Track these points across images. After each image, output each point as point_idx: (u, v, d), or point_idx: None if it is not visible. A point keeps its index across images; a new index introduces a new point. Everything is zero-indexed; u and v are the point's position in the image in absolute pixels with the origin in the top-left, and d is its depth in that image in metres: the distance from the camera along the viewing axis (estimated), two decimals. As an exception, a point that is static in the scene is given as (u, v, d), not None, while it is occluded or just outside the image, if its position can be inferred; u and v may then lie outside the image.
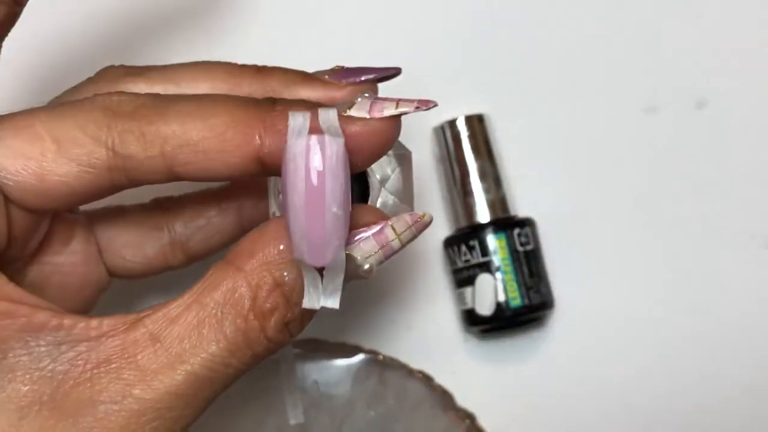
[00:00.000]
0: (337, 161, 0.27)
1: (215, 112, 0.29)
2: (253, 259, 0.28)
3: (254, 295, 0.28)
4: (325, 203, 0.27)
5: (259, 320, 0.28)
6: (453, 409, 0.42)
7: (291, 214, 0.27)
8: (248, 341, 0.28)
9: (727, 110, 0.45)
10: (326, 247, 0.27)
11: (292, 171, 0.27)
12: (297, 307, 0.29)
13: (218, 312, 0.28)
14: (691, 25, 0.46)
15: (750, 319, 0.45)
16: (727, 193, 0.45)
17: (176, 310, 0.28)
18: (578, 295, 0.44)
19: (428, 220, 0.30)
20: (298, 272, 0.28)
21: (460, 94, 0.45)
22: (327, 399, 0.42)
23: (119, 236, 0.36)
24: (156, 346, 0.28)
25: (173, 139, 0.28)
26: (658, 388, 0.44)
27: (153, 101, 0.29)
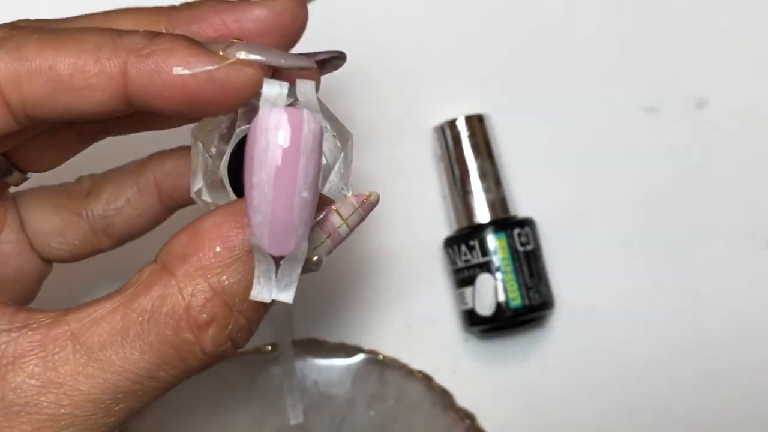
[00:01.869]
0: (314, 140, 0.24)
1: (77, 45, 0.26)
2: (187, 263, 0.26)
3: (188, 304, 0.25)
4: (297, 186, 0.24)
5: (194, 333, 0.26)
6: (453, 409, 0.42)
7: (255, 194, 0.24)
8: (180, 355, 0.26)
9: (727, 110, 0.45)
10: (291, 235, 0.24)
11: (262, 147, 0.24)
12: (242, 315, 0.26)
13: (144, 321, 0.25)
14: (691, 25, 0.46)
15: (750, 319, 0.45)
16: (727, 193, 0.45)
17: (101, 311, 0.26)
18: (578, 295, 0.44)
19: (375, 200, 0.28)
20: (241, 275, 0.26)
21: (460, 94, 0.45)
22: (327, 399, 0.42)
23: (41, 224, 0.33)
24: (76, 348, 0.25)
25: (29, 75, 0.26)
26: (657, 388, 0.44)
27: (12, 32, 0.27)
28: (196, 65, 0.26)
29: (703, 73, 0.45)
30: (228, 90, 0.26)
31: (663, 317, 0.44)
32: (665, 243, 0.45)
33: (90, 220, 0.33)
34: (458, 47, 0.45)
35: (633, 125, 0.45)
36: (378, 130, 0.45)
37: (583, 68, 0.45)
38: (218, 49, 0.26)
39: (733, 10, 0.46)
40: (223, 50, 0.26)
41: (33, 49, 0.26)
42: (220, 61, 0.26)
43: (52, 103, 0.27)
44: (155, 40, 0.26)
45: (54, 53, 0.26)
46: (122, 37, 0.27)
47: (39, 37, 0.27)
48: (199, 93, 0.26)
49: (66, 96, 0.26)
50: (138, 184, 0.34)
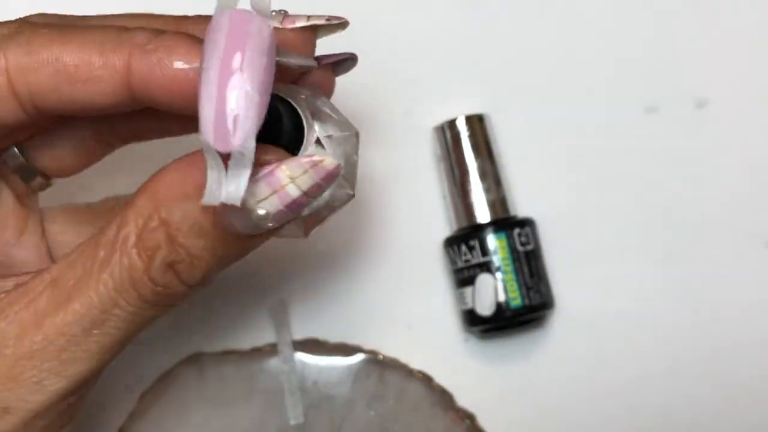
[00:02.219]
0: (262, 40, 0.25)
1: (84, 39, 0.28)
2: (144, 195, 0.27)
3: (140, 233, 0.27)
4: (240, 78, 0.25)
5: (142, 259, 0.27)
6: (453, 409, 0.42)
7: (202, 92, 0.25)
8: (132, 280, 0.27)
9: (728, 110, 0.45)
10: (234, 128, 0.24)
11: (212, 39, 0.25)
12: (183, 249, 0.27)
13: (108, 249, 0.27)
14: (691, 25, 0.46)
15: (750, 319, 0.45)
16: (727, 193, 0.45)
17: (76, 254, 0.28)
18: (578, 295, 0.44)
19: (330, 166, 0.27)
20: (187, 212, 0.27)
21: (460, 94, 0.45)
22: (327, 399, 0.42)
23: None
24: (54, 290, 0.28)
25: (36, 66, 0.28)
26: (658, 388, 0.44)
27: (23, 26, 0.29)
28: (195, 60, 0.27)
29: (703, 73, 0.45)
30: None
31: (663, 317, 0.44)
32: (665, 243, 0.45)
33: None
34: (458, 47, 0.45)
35: (633, 125, 0.45)
36: (378, 130, 0.45)
37: (583, 68, 0.45)
38: None
39: (733, 10, 0.46)
40: None
41: (42, 42, 0.28)
42: None
43: (58, 94, 0.28)
44: (159, 36, 0.28)
45: (61, 46, 0.28)
46: (128, 33, 0.28)
47: (48, 31, 0.28)
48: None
49: (71, 87, 0.28)
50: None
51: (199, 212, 0.27)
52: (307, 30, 0.30)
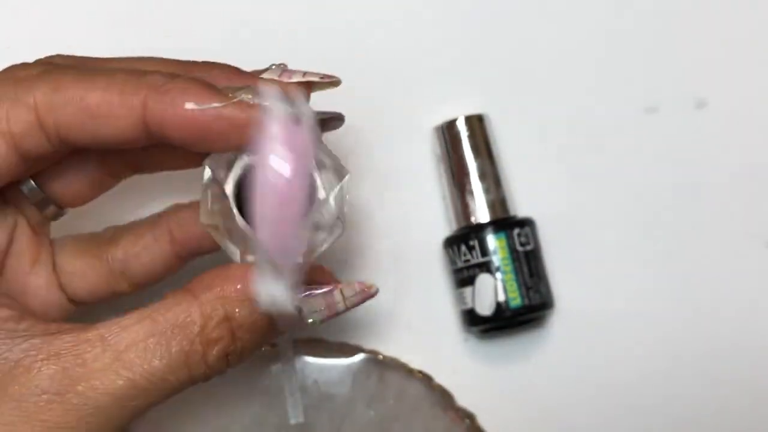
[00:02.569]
0: (311, 145, 0.29)
1: (106, 81, 0.31)
2: (210, 291, 0.31)
3: (204, 323, 0.30)
4: (297, 215, 0.28)
5: (203, 347, 0.30)
6: (453, 409, 0.42)
7: (257, 200, 0.28)
8: (189, 363, 0.30)
9: (727, 110, 0.45)
10: (292, 252, 0.29)
11: (264, 155, 0.28)
12: (240, 342, 0.31)
13: (168, 330, 0.30)
14: (691, 25, 0.46)
15: (750, 319, 0.45)
16: (727, 193, 0.45)
17: (129, 320, 0.30)
18: (578, 295, 0.44)
19: (374, 292, 0.33)
20: (250, 312, 0.31)
21: (460, 94, 0.45)
22: (327, 399, 0.42)
23: (68, 265, 0.37)
24: (105, 347, 0.29)
25: (63, 104, 0.31)
26: (657, 388, 0.44)
27: (53, 67, 0.32)
28: (205, 102, 0.30)
29: (702, 73, 0.45)
30: (233, 126, 0.30)
31: (663, 317, 0.44)
32: (665, 243, 0.45)
33: (110, 263, 0.37)
34: (458, 47, 0.45)
35: (633, 125, 0.45)
36: (378, 130, 0.45)
37: (583, 68, 0.45)
38: (229, 91, 0.31)
39: (733, 9, 0.46)
40: (233, 92, 0.31)
41: (69, 82, 0.31)
42: (226, 100, 0.30)
43: (81, 128, 0.31)
44: (174, 79, 0.31)
45: (86, 86, 0.31)
46: (145, 76, 0.31)
47: (75, 72, 0.31)
48: (208, 126, 0.30)
49: (93, 122, 0.31)
50: (154, 233, 0.37)
51: (261, 315, 0.31)
52: (302, 84, 0.33)
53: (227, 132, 0.31)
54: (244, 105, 0.30)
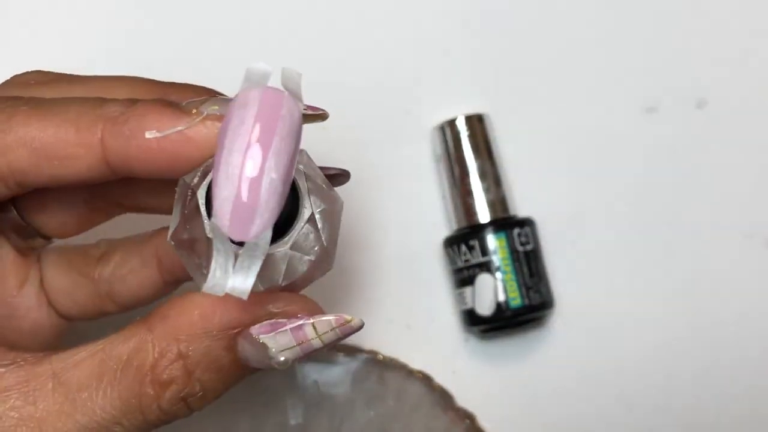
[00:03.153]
0: (292, 124, 0.24)
1: (61, 117, 0.28)
2: (165, 323, 0.27)
3: (155, 362, 0.27)
4: (266, 166, 0.24)
5: (155, 388, 0.27)
6: (453, 409, 0.42)
7: (221, 171, 0.24)
8: (141, 406, 0.27)
9: (727, 110, 0.45)
10: (253, 217, 0.24)
11: (235, 123, 0.24)
12: (199, 384, 0.27)
13: (118, 368, 0.27)
14: (691, 25, 0.46)
15: (750, 319, 0.45)
16: (727, 193, 0.45)
17: (83, 354, 0.27)
18: (578, 295, 0.44)
19: (356, 326, 0.28)
20: (208, 349, 0.27)
21: (460, 94, 0.45)
22: (327, 399, 0.42)
23: (56, 282, 0.34)
24: (55, 386, 0.27)
25: (15, 146, 0.27)
26: (657, 388, 0.44)
27: (5, 104, 0.28)
28: (167, 127, 0.27)
29: (703, 73, 0.45)
30: (201, 146, 0.27)
31: (663, 317, 0.44)
32: (665, 243, 0.45)
33: (97, 284, 0.34)
34: (458, 47, 0.45)
35: (633, 125, 0.45)
36: (378, 130, 0.45)
37: (583, 68, 0.45)
38: (193, 107, 0.27)
39: (733, 9, 0.46)
40: (197, 107, 0.27)
41: (20, 121, 0.28)
42: (190, 119, 0.27)
43: (37, 171, 0.28)
44: (131, 107, 0.27)
45: (38, 124, 0.27)
46: (102, 107, 0.28)
47: (27, 109, 0.28)
48: (174, 152, 0.27)
49: (49, 164, 0.28)
50: (141, 256, 0.35)
51: (222, 350, 0.27)
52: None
53: (197, 154, 0.27)
54: (212, 119, 0.27)
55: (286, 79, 0.25)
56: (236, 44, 0.45)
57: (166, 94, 0.29)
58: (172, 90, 0.30)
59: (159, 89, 0.30)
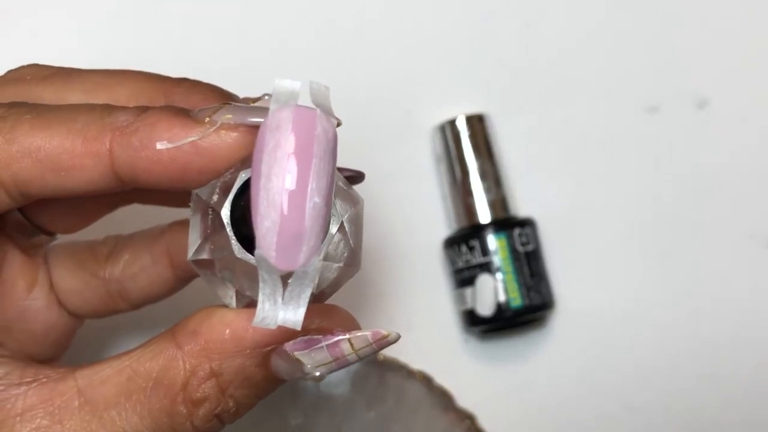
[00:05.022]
0: (327, 141, 0.23)
1: (68, 125, 0.26)
2: (195, 341, 0.26)
3: (186, 380, 0.26)
4: (308, 190, 0.23)
5: (187, 407, 0.26)
6: (453, 409, 0.42)
7: (262, 199, 0.23)
8: (173, 424, 0.26)
9: (728, 110, 0.45)
10: (300, 245, 0.23)
11: (270, 147, 0.23)
12: (232, 400, 0.27)
13: (148, 386, 0.26)
14: (692, 25, 0.46)
15: (750, 319, 0.45)
16: (727, 193, 0.45)
17: (109, 371, 0.27)
18: (578, 295, 0.44)
19: (392, 340, 0.27)
20: (240, 367, 0.26)
21: (460, 93, 0.45)
22: (327, 399, 0.42)
23: (64, 282, 0.34)
24: (81, 404, 0.26)
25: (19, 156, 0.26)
26: (658, 389, 0.44)
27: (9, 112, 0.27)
28: (178, 137, 0.26)
29: (704, 72, 0.45)
30: (215, 157, 0.26)
31: (663, 317, 0.44)
32: (665, 243, 0.45)
33: (107, 283, 0.34)
34: (458, 47, 0.45)
35: (633, 125, 0.45)
36: (378, 130, 0.44)
37: (583, 68, 0.45)
38: (205, 115, 0.26)
39: (734, 9, 0.46)
40: (210, 115, 0.26)
41: (25, 130, 0.26)
42: (203, 129, 0.26)
43: (43, 182, 0.27)
44: (141, 116, 0.26)
45: (43, 134, 0.26)
46: (110, 115, 0.27)
47: (31, 117, 0.27)
48: (187, 164, 0.26)
49: (55, 175, 0.27)
50: (152, 253, 0.34)
51: (255, 367, 0.26)
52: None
53: (211, 165, 0.26)
54: (226, 128, 0.26)
55: (315, 95, 0.24)
56: (236, 44, 0.45)
57: (170, 94, 0.29)
58: (178, 89, 0.29)
59: (162, 86, 0.29)
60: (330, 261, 0.26)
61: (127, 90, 0.29)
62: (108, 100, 0.28)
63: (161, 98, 0.29)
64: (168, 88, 0.29)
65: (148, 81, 0.30)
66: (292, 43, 0.45)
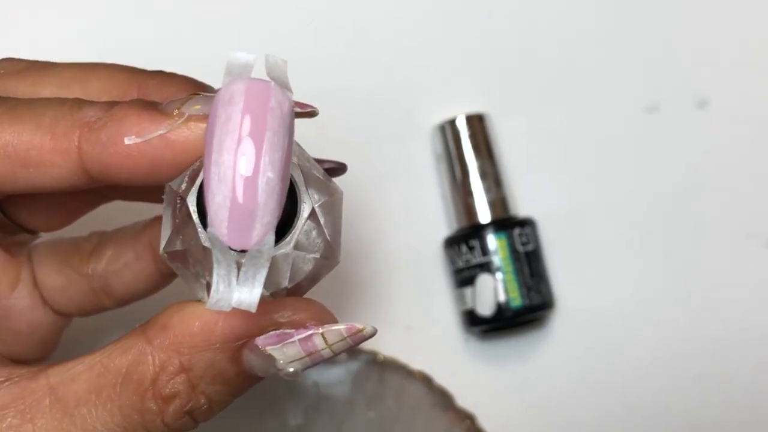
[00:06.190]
0: (282, 116, 0.23)
1: (36, 121, 0.26)
2: (164, 335, 0.26)
3: (156, 375, 0.26)
4: (261, 164, 0.22)
5: (158, 403, 0.26)
6: (453, 409, 0.42)
7: (214, 173, 0.22)
8: (144, 421, 0.26)
9: (728, 110, 0.45)
10: (253, 221, 0.22)
11: (222, 121, 0.22)
12: (204, 396, 0.26)
13: (118, 381, 0.26)
14: (692, 25, 0.46)
15: (750, 319, 0.45)
16: (727, 193, 0.45)
17: (80, 368, 0.26)
18: (578, 295, 0.44)
19: (368, 334, 0.26)
20: (211, 362, 0.25)
21: (460, 93, 0.45)
22: (327, 399, 0.42)
23: (48, 280, 0.33)
24: (52, 402, 0.26)
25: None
26: (658, 389, 0.44)
27: None
28: (147, 131, 0.25)
29: (704, 72, 0.45)
30: (185, 149, 0.25)
31: (663, 317, 0.44)
32: (666, 243, 0.45)
33: (91, 279, 0.33)
34: (458, 47, 0.45)
35: (633, 125, 0.45)
36: (378, 130, 0.44)
37: (583, 68, 0.45)
38: (174, 107, 0.26)
39: (733, 9, 0.46)
40: (178, 107, 0.25)
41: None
42: (171, 122, 0.25)
43: (12, 178, 0.26)
44: (109, 111, 0.26)
45: (12, 129, 0.26)
46: (79, 111, 0.26)
47: (1, 112, 0.26)
48: (157, 158, 0.25)
49: (24, 171, 0.26)
50: (135, 249, 0.33)
51: (226, 362, 0.26)
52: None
53: (181, 158, 0.25)
54: (195, 119, 0.25)
55: (270, 68, 0.23)
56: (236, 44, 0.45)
57: (144, 86, 0.28)
58: (151, 82, 0.28)
59: (136, 79, 0.29)
60: (303, 251, 0.26)
61: (101, 83, 0.29)
62: (81, 93, 0.28)
63: (134, 91, 0.29)
64: (142, 81, 0.29)
65: (122, 74, 0.29)
66: (292, 43, 0.45)
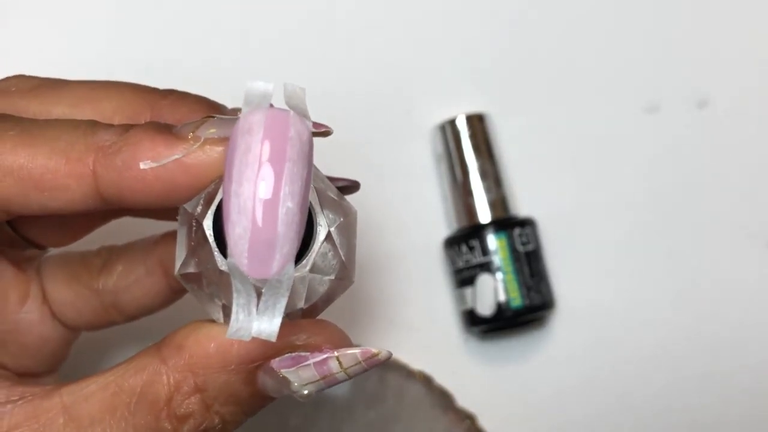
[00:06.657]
0: (302, 145, 0.23)
1: (51, 145, 0.26)
2: (180, 355, 0.26)
3: (171, 395, 0.26)
4: (281, 195, 0.22)
5: (172, 423, 0.26)
6: (453, 409, 0.42)
7: (233, 204, 0.22)
8: None
9: (729, 110, 0.45)
10: (274, 252, 0.22)
11: (242, 149, 0.22)
12: (218, 416, 0.26)
13: (132, 401, 0.26)
14: (692, 24, 0.46)
15: (750, 319, 0.45)
16: (728, 193, 0.45)
17: (94, 387, 0.26)
18: (578, 295, 0.44)
19: (383, 358, 0.27)
20: (226, 383, 0.26)
21: (461, 93, 0.45)
22: (327, 400, 0.42)
23: (58, 294, 0.33)
24: (66, 421, 0.26)
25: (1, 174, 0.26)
26: (658, 388, 0.44)
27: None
28: (162, 156, 0.25)
29: (704, 72, 0.45)
30: (201, 174, 0.25)
31: (664, 317, 0.44)
32: (666, 243, 0.45)
33: (100, 294, 0.33)
34: (458, 47, 0.45)
35: (633, 125, 0.45)
36: (378, 130, 0.44)
37: (583, 68, 0.45)
38: (189, 130, 0.25)
39: (734, 9, 0.46)
40: (193, 131, 0.25)
41: (8, 148, 0.26)
42: (187, 146, 0.25)
43: (25, 201, 0.26)
44: (124, 135, 0.26)
45: (27, 152, 0.26)
46: (94, 135, 0.26)
47: (15, 135, 0.26)
48: (172, 182, 0.25)
49: (38, 194, 0.26)
50: (146, 264, 0.33)
51: (241, 384, 0.26)
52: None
53: (197, 182, 0.25)
54: (211, 143, 0.25)
55: (289, 97, 0.23)
56: (234, 46, 0.45)
57: (157, 107, 0.28)
58: (164, 102, 0.29)
59: (148, 100, 0.29)
60: (319, 273, 0.26)
61: (113, 103, 0.29)
62: (93, 113, 0.28)
63: (147, 111, 0.29)
64: (154, 101, 0.29)
65: (134, 94, 0.29)
66: (292, 43, 0.45)
